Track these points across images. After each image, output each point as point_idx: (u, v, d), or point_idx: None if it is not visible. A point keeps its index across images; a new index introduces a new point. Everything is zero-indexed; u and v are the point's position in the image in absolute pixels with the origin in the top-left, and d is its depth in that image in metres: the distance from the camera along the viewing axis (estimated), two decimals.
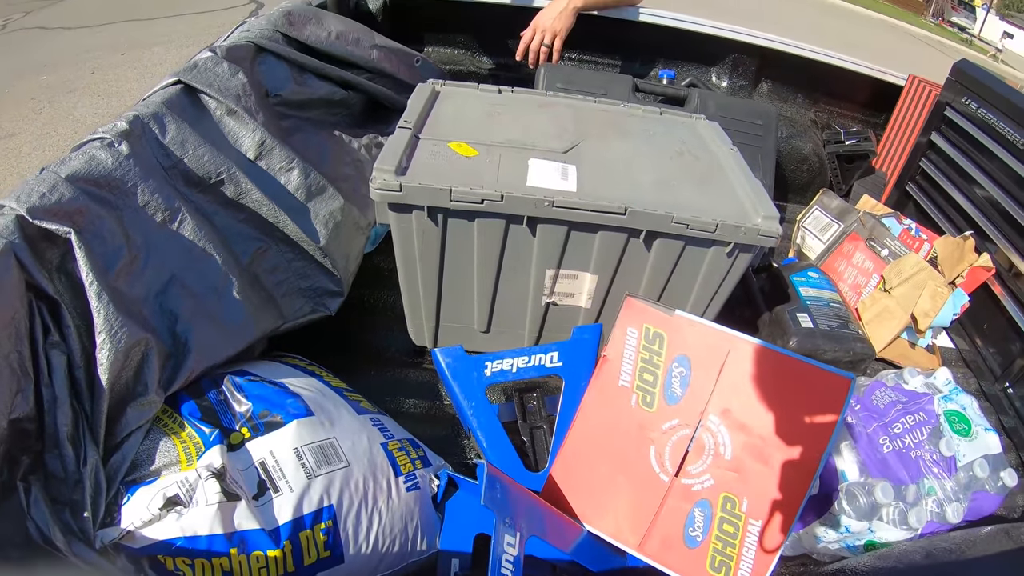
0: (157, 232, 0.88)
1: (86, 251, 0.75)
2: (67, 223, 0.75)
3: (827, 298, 1.30)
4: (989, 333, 1.39)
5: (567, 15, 1.61)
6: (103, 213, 0.81)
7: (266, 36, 1.22)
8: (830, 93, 1.99)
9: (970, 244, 1.35)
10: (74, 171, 0.80)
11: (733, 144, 1.14)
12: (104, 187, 0.83)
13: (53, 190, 0.76)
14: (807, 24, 12.96)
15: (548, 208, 0.86)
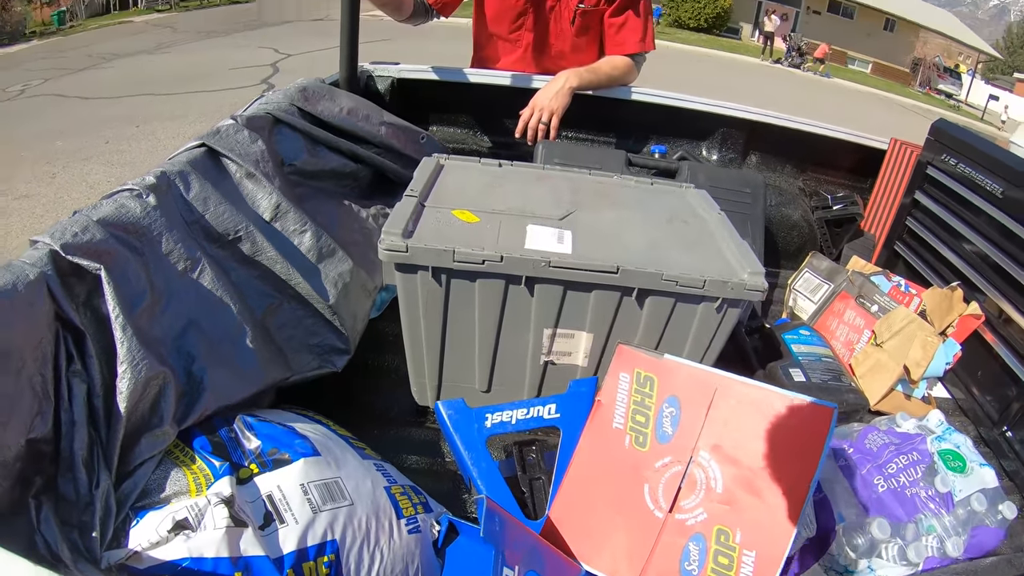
0: (178, 280, 0.93)
1: (113, 287, 0.80)
2: (97, 261, 0.81)
3: (819, 353, 1.34)
4: (984, 380, 1.41)
5: (563, 94, 1.70)
6: (130, 257, 0.86)
7: (283, 109, 1.31)
8: (817, 161, 2.06)
9: (958, 294, 1.38)
10: (105, 216, 0.87)
11: (720, 210, 1.20)
12: (132, 233, 0.89)
13: (86, 231, 0.82)
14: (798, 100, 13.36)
15: (545, 268, 0.92)
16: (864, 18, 31.70)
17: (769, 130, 1.98)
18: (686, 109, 1.93)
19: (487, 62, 2.00)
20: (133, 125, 6.64)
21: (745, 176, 1.69)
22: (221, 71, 9.90)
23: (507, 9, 1.86)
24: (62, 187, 5.01)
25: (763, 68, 20.62)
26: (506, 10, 1.87)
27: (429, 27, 1.96)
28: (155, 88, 8.78)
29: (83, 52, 15.31)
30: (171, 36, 17.37)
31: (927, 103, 23.69)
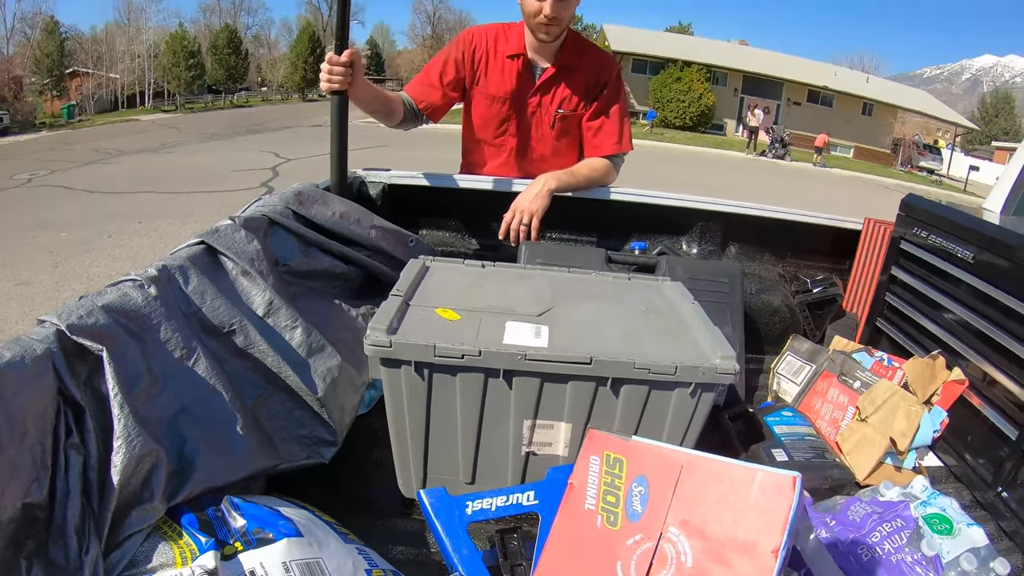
0: (174, 366, 0.99)
1: (114, 369, 0.86)
2: (100, 343, 0.86)
3: (802, 433, 1.36)
4: (975, 444, 1.40)
5: (543, 196, 1.77)
6: (130, 341, 0.92)
7: (278, 211, 1.39)
8: (795, 247, 2.11)
9: (940, 362, 1.40)
10: (109, 302, 0.94)
11: (694, 300, 1.25)
12: (133, 320, 0.96)
13: (90, 314, 0.88)
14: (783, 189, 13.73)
15: (521, 361, 0.96)
16: (842, 105, 33.00)
17: (746, 221, 2.04)
18: (664, 206, 1.99)
19: (475, 167, 2.09)
20: (136, 221, 6.80)
21: (723, 267, 1.75)
22: (223, 173, 10.27)
23: (491, 116, 1.97)
24: (63, 277, 5.10)
25: (749, 162, 21.29)
26: (490, 117, 1.97)
27: (421, 133, 2.07)
28: (158, 186, 9.05)
29: (90, 146, 15.86)
30: (176, 136, 18.02)
31: (910, 181, 24.34)
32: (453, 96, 1.98)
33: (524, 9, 1.79)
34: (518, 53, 1.90)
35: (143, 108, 37.42)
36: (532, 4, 1.75)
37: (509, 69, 1.91)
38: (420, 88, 1.96)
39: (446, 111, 2.01)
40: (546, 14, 1.73)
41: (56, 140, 19.35)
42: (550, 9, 1.72)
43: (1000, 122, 63.79)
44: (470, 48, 1.93)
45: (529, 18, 1.79)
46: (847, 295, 1.95)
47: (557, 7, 1.73)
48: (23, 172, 11.83)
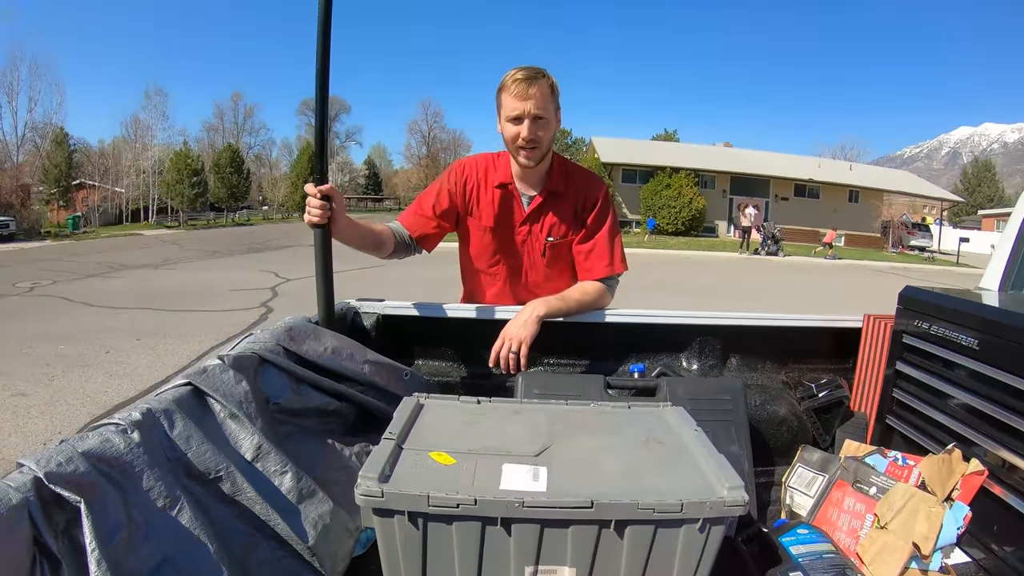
0: (157, 516, 0.95)
1: (92, 520, 0.82)
2: (78, 493, 0.83)
3: (820, 551, 1.29)
4: (1002, 534, 1.34)
5: (531, 324, 1.75)
6: (110, 490, 0.89)
7: (268, 349, 1.37)
8: (796, 352, 2.08)
9: (956, 455, 1.36)
10: (89, 448, 0.90)
11: (697, 426, 1.21)
12: (114, 467, 0.92)
13: (70, 461, 0.85)
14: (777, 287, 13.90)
15: (519, 508, 0.92)
16: (829, 195, 34.03)
17: (744, 331, 2.04)
18: (660, 324, 1.98)
19: (474, 295, 2.11)
20: (134, 338, 6.82)
21: (723, 384, 1.73)
22: (223, 291, 10.43)
23: (484, 246, 2.00)
24: (59, 391, 5.06)
25: (743, 261, 21.68)
26: (484, 247, 2.00)
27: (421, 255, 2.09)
28: (158, 303, 9.15)
29: (93, 259, 16.18)
30: (178, 252, 18.41)
31: (902, 261, 24.71)
32: (445, 227, 2.00)
33: (504, 136, 1.83)
34: (505, 183, 1.94)
35: (147, 223, 38.40)
36: (511, 129, 1.79)
37: (498, 199, 1.95)
38: (413, 218, 1.98)
39: (438, 241, 2.03)
40: (524, 136, 1.77)
41: (60, 250, 19.77)
42: (527, 131, 1.76)
43: (984, 190, 65.49)
44: (461, 179, 1.96)
45: (509, 144, 1.83)
46: (853, 395, 1.92)
47: (533, 128, 1.77)
48: (26, 280, 12.01)
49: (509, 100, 1.77)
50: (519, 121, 1.77)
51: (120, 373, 5.53)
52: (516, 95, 1.75)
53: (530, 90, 1.74)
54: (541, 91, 1.76)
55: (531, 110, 1.75)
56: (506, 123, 1.80)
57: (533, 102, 1.75)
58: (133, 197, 40.89)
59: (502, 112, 1.81)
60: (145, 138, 44.07)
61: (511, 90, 1.76)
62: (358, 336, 1.76)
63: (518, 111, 1.76)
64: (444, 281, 2.35)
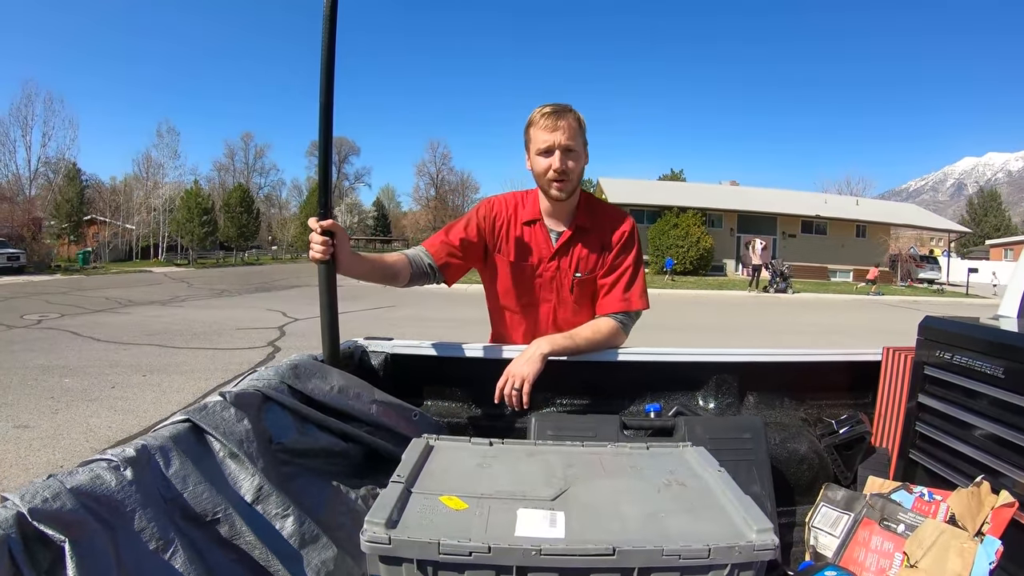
0: (148, 559, 0.90)
1: (77, 562, 0.77)
2: (63, 532, 0.78)
3: None
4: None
5: (535, 361, 1.71)
6: (99, 530, 0.84)
7: (273, 387, 1.33)
8: (814, 388, 2.04)
9: (985, 488, 1.31)
10: (78, 485, 0.86)
11: (720, 466, 1.17)
12: (104, 506, 0.88)
13: (56, 498, 0.81)
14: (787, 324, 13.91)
15: (536, 557, 0.87)
16: (836, 231, 34.14)
17: (761, 368, 1.99)
18: (676, 362, 1.94)
19: (503, 336, 2.08)
20: (140, 374, 6.80)
21: (742, 422, 1.68)
22: (230, 330, 10.41)
23: (513, 284, 1.97)
24: (62, 424, 5.03)
25: (753, 299, 21.68)
26: (513, 284, 1.97)
27: (427, 292, 2.07)
28: (165, 340, 9.16)
29: (101, 294, 16.31)
30: (186, 290, 18.55)
31: (912, 295, 24.58)
32: (470, 260, 1.98)
33: (535, 170, 1.84)
34: (534, 219, 1.94)
35: (156, 260, 38.75)
36: (541, 162, 1.80)
37: (527, 235, 1.94)
38: (439, 247, 1.95)
39: (461, 274, 2.00)
40: (555, 168, 1.78)
41: (69, 284, 19.93)
42: (558, 162, 1.77)
43: (990, 219, 65.61)
44: (491, 215, 1.96)
45: (540, 177, 1.83)
46: (875, 430, 1.87)
47: (564, 159, 1.78)
48: (34, 313, 12.08)
49: (539, 133, 1.79)
50: (549, 153, 1.79)
51: (125, 408, 5.49)
52: (545, 128, 1.77)
53: (559, 123, 1.77)
54: (569, 124, 1.78)
55: (561, 141, 1.77)
56: (536, 157, 1.81)
57: (562, 133, 1.77)
58: (143, 234, 41.34)
59: (531, 146, 1.83)
60: (156, 176, 44.69)
61: (540, 124, 1.78)
62: (366, 376, 1.71)
63: (548, 143, 1.77)
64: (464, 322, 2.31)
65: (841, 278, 32.46)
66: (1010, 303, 2.40)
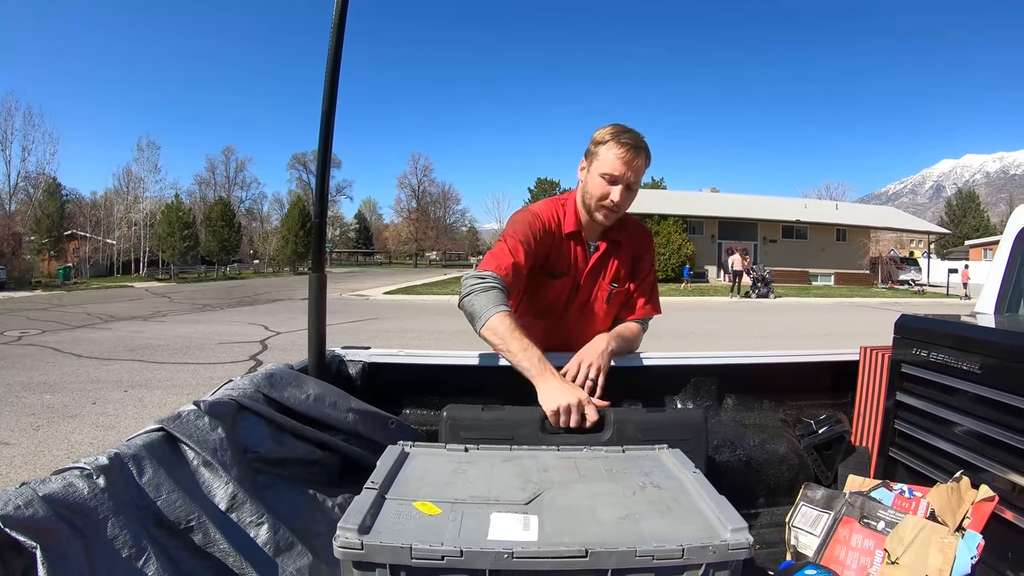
0: (121, 567, 0.89)
1: (49, 569, 0.77)
2: (35, 539, 0.78)
3: None
4: (1016, 560, 1.30)
5: (608, 354, 1.72)
6: (72, 538, 0.84)
7: (248, 395, 1.32)
8: (793, 389, 2.05)
9: (965, 483, 1.32)
10: (51, 492, 0.85)
11: (696, 468, 1.18)
12: (77, 514, 0.87)
13: (28, 505, 0.80)
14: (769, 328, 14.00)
15: (508, 560, 0.87)
16: (816, 235, 34.43)
17: (740, 370, 2.01)
18: (654, 366, 1.94)
19: None
20: (121, 389, 6.73)
21: (684, 416, 1.59)
22: (211, 344, 10.32)
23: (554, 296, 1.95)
24: (43, 441, 4.97)
25: (735, 304, 21.76)
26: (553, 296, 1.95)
27: (408, 304, 2.05)
28: (147, 355, 9.07)
29: (82, 309, 16.10)
30: (167, 305, 18.36)
31: (893, 296, 24.86)
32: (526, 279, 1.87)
33: (588, 190, 1.82)
34: (576, 231, 1.92)
35: (137, 275, 38.35)
36: (601, 186, 1.78)
37: (568, 248, 1.93)
38: (509, 269, 1.76)
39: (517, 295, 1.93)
40: (613, 200, 1.78)
41: (50, 300, 19.68)
42: (618, 197, 1.78)
43: (969, 220, 66.60)
44: (542, 229, 1.86)
45: (592, 199, 1.82)
46: (854, 429, 1.89)
47: (625, 195, 1.79)
48: (14, 329, 11.91)
49: (611, 159, 1.76)
50: (614, 183, 1.77)
51: (106, 424, 5.43)
52: (621, 158, 1.75)
53: (636, 160, 1.76)
54: (642, 163, 1.79)
55: (630, 178, 1.77)
56: (598, 177, 1.79)
57: (634, 173, 1.78)
58: (124, 249, 40.89)
59: (596, 165, 1.79)
60: (137, 190, 44.34)
61: (616, 150, 1.76)
62: (343, 385, 1.70)
63: (618, 173, 1.76)
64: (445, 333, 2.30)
65: (823, 282, 32.73)
66: (987, 298, 2.44)
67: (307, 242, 41.56)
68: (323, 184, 1.61)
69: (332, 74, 1.55)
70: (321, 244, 1.64)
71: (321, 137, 1.57)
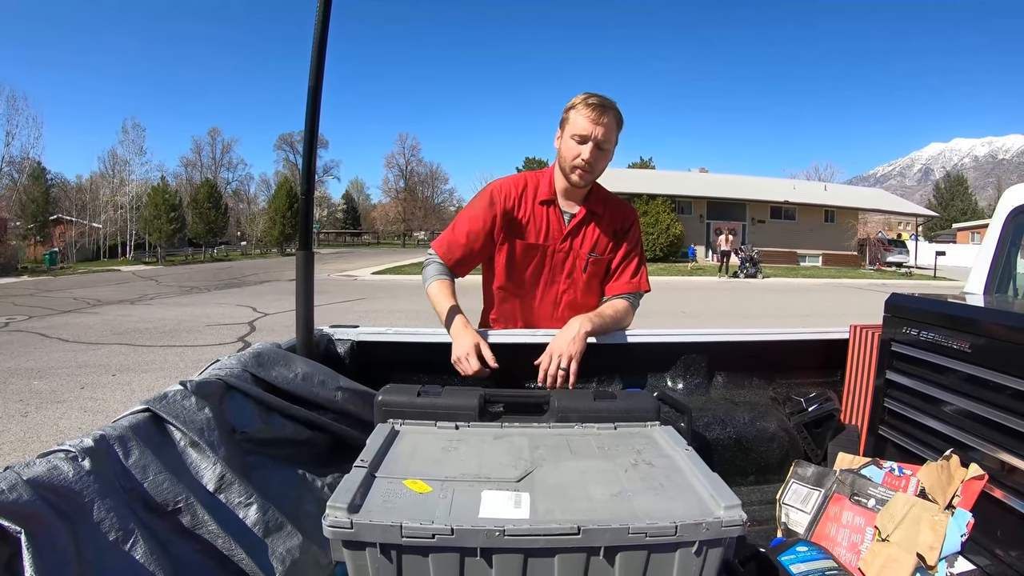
0: (109, 551, 0.88)
1: (33, 554, 0.75)
2: (20, 523, 0.76)
3: (821, 568, 1.26)
4: (1006, 538, 1.31)
5: (580, 340, 1.72)
6: (57, 522, 0.82)
7: (235, 375, 1.31)
8: (783, 367, 2.06)
9: (955, 461, 1.33)
10: (35, 476, 0.84)
11: (688, 445, 1.17)
12: (62, 497, 0.86)
13: (13, 489, 0.79)
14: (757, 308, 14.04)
15: (500, 538, 0.86)
16: (805, 216, 34.45)
17: (730, 348, 2.00)
18: (644, 343, 1.94)
19: (506, 319, 2.06)
20: (110, 373, 6.68)
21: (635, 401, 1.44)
22: (199, 327, 10.22)
23: (525, 264, 1.97)
24: (32, 427, 4.92)
25: (723, 284, 21.78)
26: (524, 265, 1.97)
27: (396, 285, 2.03)
28: (134, 339, 8.99)
29: (69, 294, 15.92)
30: (155, 288, 18.20)
31: (880, 278, 25.00)
32: (481, 250, 1.98)
33: (562, 152, 1.87)
34: (550, 199, 1.95)
35: (124, 259, 37.98)
36: (572, 147, 1.83)
37: (541, 215, 1.95)
38: (446, 248, 1.98)
39: (473, 266, 2.03)
40: (584, 158, 1.81)
41: (36, 286, 19.45)
42: (588, 154, 1.81)
43: (957, 203, 67.03)
44: (501, 197, 1.95)
45: (566, 160, 1.86)
46: (843, 407, 1.90)
47: (594, 154, 1.82)
48: (0, 316, 11.75)
49: (580, 120, 1.81)
50: (584, 142, 1.82)
51: (95, 409, 5.39)
52: (588, 117, 1.80)
53: (602, 117, 1.80)
54: (610, 121, 1.83)
55: (598, 135, 1.81)
56: (569, 139, 1.84)
57: (602, 129, 1.81)
58: (111, 233, 40.41)
59: (567, 129, 1.85)
60: (123, 173, 43.69)
61: (583, 111, 1.81)
62: (332, 364, 1.69)
63: (585, 132, 1.81)
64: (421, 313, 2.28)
65: (811, 263, 32.87)
66: (976, 279, 2.45)
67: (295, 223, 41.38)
68: (310, 158, 1.58)
69: (319, 46, 1.52)
70: (308, 221, 1.62)
71: (308, 109, 1.54)
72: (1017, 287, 2.39)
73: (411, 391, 1.39)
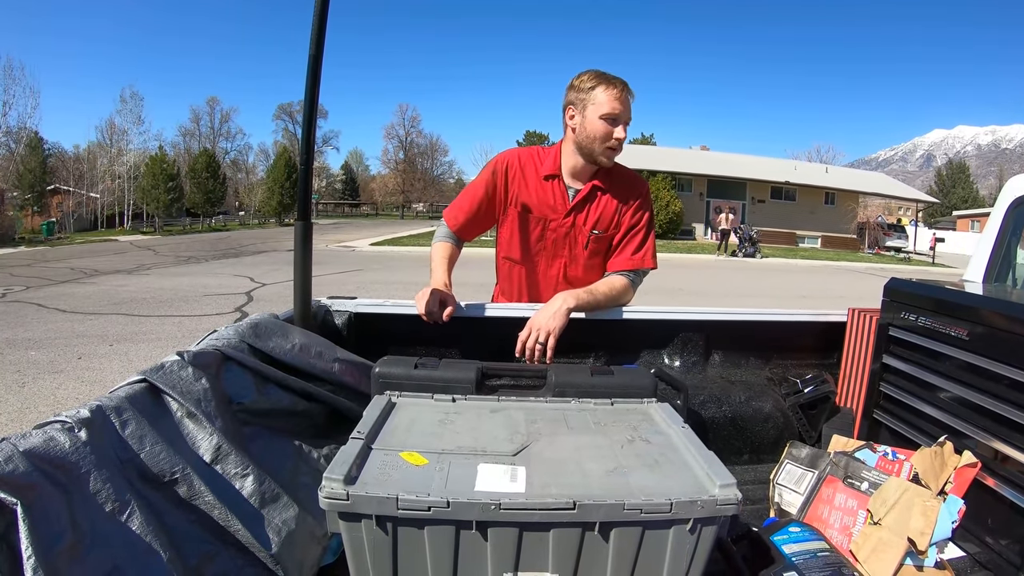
0: (105, 522, 0.88)
1: (30, 526, 0.75)
2: (16, 495, 0.76)
3: (813, 549, 1.26)
4: (996, 527, 1.33)
5: (560, 315, 1.72)
6: (53, 493, 0.82)
7: (232, 345, 1.30)
8: (779, 348, 2.06)
9: (948, 448, 1.34)
10: (31, 447, 0.84)
11: (684, 423, 1.17)
12: (58, 468, 0.85)
13: (8, 461, 0.79)
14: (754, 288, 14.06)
15: (495, 511, 0.86)
16: (805, 197, 34.30)
17: (728, 327, 2.01)
18: (642, 320, 1.94)
19: (510, 291, 2.10)
20: (107, 344, 6.69)
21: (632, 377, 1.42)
22: (197, 297, 10.23)
23: (526, 237, 1.99)
24: (29, 398, 4.94)
25: (722, 263, 21.80)
26: (525, 237, 1.99)
27: (395, 256, 2.03)
28: (132, 308, 8.99)
29: (66, 264, 15.89)
30: (152, 258, 18.16)
31: (879, 262, 25.02)
32: (485, 218, 2.04)
33: (590, 131, 1.84)
34: (554, 174, 1.95)
35: (122, 229, 37.78)
36: (602, 127, 1.82)
37: (543, 190, 1.95)
38: (454, 213, 2.05)
39: (478, 232, 2.08)
40: (619, 137, 1.83)
41: (34, 256, 19.39)
42: (623, 133, 1.83)
43: (958, 191, 66.87)
44: (504, 168, 1.98)
45: (595, 142, 1.85)
46: (839, 390, 1.91)
47: (624, 133, 1.84)
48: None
49: (609, 99, 1.81)
50: (615, 122, 1.82)
51: (92, 379, 5.40)
52: (617, 98, 1.81)
53: (629, 98, 1.84)
54: (630, 100, 1.86)
55: (627, 116, 1.84)
56: (596, 120, 1.82)
57: (628, 108, 1.84)
58: (108, 203, 40.18)
59: (594, 108, 1.82)
60: (120, 143, 43.32)
61: (611, 91, 1.81)
62: (330, 335, 1.69)
63: (617, 112, 1.81)
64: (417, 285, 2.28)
65: (810, 244, 32.83)
66: (976, 267, 2.46)
67: (293, 193, 40.84)
68: (310, 129, 1.57)
69: (320, 15, 1.50)
70: (307, 191, 1.60)
71: (308, 79, 1.52)
72: (1016, 277, 2.40)
73: (408, 363, 1.38)
